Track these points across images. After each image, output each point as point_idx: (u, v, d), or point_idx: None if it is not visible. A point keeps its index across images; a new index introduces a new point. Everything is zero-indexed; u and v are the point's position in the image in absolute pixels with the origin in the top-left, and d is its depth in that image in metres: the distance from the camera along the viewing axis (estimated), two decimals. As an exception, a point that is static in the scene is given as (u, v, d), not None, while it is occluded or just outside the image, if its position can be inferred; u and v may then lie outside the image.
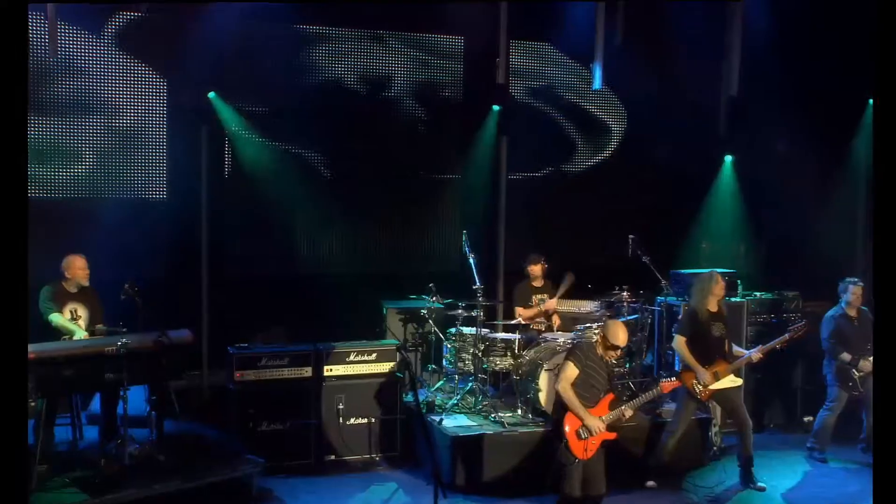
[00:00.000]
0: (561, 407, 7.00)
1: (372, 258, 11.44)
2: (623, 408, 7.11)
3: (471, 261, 9.31)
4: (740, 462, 8.61)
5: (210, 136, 10.50)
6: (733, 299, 9.92)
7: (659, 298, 10.15)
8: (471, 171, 11.78)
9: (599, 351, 7.01)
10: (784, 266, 11.62)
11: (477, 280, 9.20)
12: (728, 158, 12.63)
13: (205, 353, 10.40)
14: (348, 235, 11.41)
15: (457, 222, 11.62)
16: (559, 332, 9.51)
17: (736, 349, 8.65)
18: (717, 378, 8.30)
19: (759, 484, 8.51)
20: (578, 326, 9.35)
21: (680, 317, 9.73)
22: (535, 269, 9.96)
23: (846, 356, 9.11)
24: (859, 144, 11.77)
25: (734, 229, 12.49)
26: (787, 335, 8.66)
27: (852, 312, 9.27)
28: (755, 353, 8.52)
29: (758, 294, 10.55)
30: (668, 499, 8.31)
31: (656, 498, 8.31)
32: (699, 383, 8.27)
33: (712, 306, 8.43)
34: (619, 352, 7.12)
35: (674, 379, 7.88)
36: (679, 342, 8.39)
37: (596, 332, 7.08)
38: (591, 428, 6.89)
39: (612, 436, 7.08)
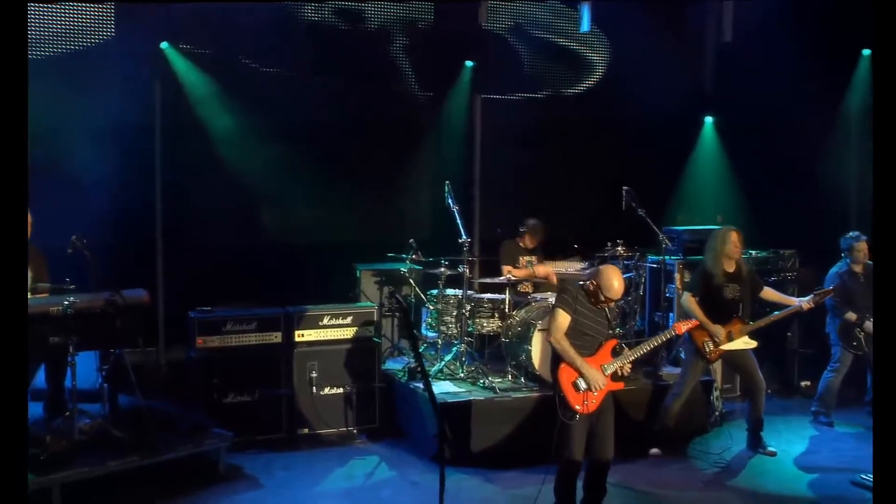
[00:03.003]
0: (556, 358, 6.24)
1: (341, 224, 10.57)
2: (626, 353, 6.31)
3: (455, 212, 8.50)
4: (749, 426, 8.09)
5: (163, 89, 9.66)
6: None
7: (651, 257, 9.52)
8: (444, 129, 11.08)
9: (593, 298, 6.24)
10: (773, 227, 10.99)
11: (463, 233, 8.41)
12: (709, 120, 12.09)
13: (161, 327, 9.63)
14: (315, 201, 10.49)
15: (430, 186, 10.75)
16: (549, 293, 8.81)
17: (783, 297, 8.10)
18: (730, 338, 7.73)
19: (770, 448, 7.97)
20: (569, 287, 8.63)
21: (675, 274, 9.26)
22: (532, 240, 9.28)
23: (851, 315, 8.62)
24: (852, 98, 11.22)
25: (717, 193, 11.88)
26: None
27: (858, 268, 8.74)
28: (805, 303, 7.89)
29: (753, 252, 9.98)
30: (675, 467, 7.71)
31: (662, 466, 7.71)
32: (711, 341, 7.66)
33: (728, 266, 7.83)
34: (614, 303, 6.35)
35: (689, 320, 7.27)
36: (688, 300, 7.77)
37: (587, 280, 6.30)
38: (589, 379, 6.13)
39: (619, 385, 6.31)
